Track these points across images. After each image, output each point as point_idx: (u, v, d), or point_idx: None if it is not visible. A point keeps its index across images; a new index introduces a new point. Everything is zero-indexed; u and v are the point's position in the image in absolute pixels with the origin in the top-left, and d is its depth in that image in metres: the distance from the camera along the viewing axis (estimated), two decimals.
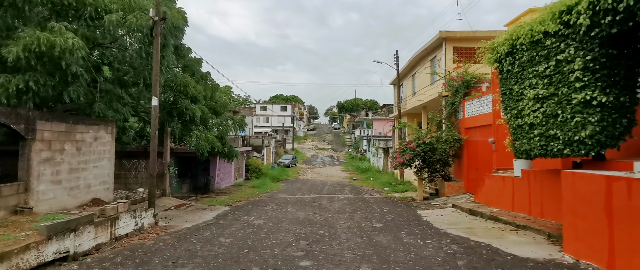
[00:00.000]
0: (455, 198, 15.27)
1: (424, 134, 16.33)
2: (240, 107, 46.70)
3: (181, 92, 16.65)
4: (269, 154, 44.50)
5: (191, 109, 16.75)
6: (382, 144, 43.07)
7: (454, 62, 17.84)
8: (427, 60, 22.18)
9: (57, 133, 9.05)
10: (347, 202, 16.47)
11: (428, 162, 16.26)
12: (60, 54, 9.53)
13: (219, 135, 20.39)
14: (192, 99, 17.40)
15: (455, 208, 12.73)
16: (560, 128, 7.18)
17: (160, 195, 15.01)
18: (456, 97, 16.62)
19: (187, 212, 13.43)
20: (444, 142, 16.18)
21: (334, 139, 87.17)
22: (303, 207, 14.78)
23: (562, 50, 7.03)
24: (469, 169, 15.70)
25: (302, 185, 26.80)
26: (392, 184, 25.45)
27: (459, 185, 16.11)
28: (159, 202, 14.12)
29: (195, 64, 19.31)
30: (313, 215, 12.39)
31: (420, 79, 23.35)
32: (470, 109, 15.53)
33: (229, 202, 17.33)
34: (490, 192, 11.88)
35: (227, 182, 25.51)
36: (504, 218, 9.61)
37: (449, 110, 16.91)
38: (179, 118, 17.00)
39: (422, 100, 21.73)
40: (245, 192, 22.04)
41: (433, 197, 17.13)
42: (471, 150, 15.59)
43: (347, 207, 14.44)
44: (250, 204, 16.38)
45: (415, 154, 15.92)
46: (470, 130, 15.65)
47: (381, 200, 17.41)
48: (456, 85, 16.63)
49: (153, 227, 10.51)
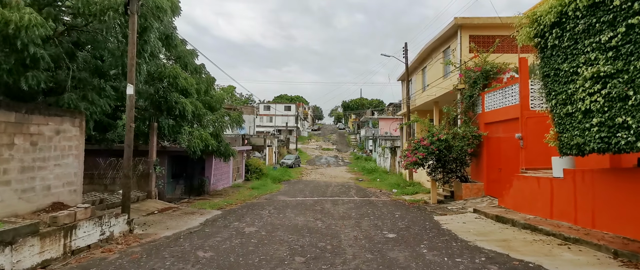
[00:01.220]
0: (474, 202, 13.57)
1: (439, 130, 14.64)
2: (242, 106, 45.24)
3: (170, 85, 15.15)
4: (271, 154, 42.96)
5: (182, 103, 15.26)
6: (389, 144, 41.39)
7: (472, 51, 16.14)
8: (439, 52, 20.50)
9: (3, 124, 7.51)
10: (352, 205, 14.83)
11: (443, 162, 14.57)
12: (15, 32, 8.04)
13: (214, 133, 18.84)
14: (183, 93, 15.90)
15: (478, 214, 11.04)
16: (632, 114, 5.51)
17: (144, 198, 13.48)
18: (474, 89, 14.93)
19: (172, 217, 11.87)
20: (461, 139, 14.49)
21: (339, 139, 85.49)
22: (303, 211, 13.17)
23: (636, 11, 5.35)
24: (490, 168, 14.00)
25: (304, 186, 25.20)
26: (400, 186, 23.77)
27: (478, 187, 14.40)
28: (141, 206, 12.59)
29: (188, 56, 17.82)
30: (314, 222, 10.77)
31: (432, 72, 21.67)
32: (491, 101, 13.83)
33: (223, 205, 15.76)
34: (520, 196, 10.19)
35: (225, 183, 23.97)
36: (545, 228, 7.91)
37: (466, 104, 15.21)
38: (169, 113, 15.49)
39: (434, 95, 20.04)
40: (242, 193, 20.48)
41: (448, 200, 15.43)
42: (492, 147, 13.88)
43: (353, 212, 12.81)
44: (246, 207, 14.81)
45: (429, 152, 14.25)
46: (491, 125, 13.95)
47: (390, 203, 15.75)
48: (474, 76, 14.94)
49: (126, 236, 8.95)
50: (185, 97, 15.99)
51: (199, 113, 17.62)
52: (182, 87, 15.35)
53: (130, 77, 9.61)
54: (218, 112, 19.77)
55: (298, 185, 26.26)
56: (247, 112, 42.98)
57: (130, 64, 9.64)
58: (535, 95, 11.43)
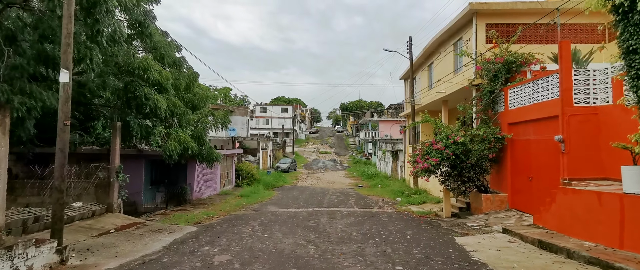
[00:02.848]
0: (498, 217, 11.37)
1: (455, 132, 12.44)
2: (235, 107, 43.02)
3: (140, 77, 12.94)
4: (266, 158, 40.69)
5: (154, 99, 13.03)
6: (390, 147, 39.22)
7: (491, 41, 13.98)
8: (449, 45, 18.35)
9: None
10: (353, 220, 12.59)
11: (459, 169, 12.37)
12: None
13: (196, 134, 16.60)
14: (157, 88, 13.69)
15: (510, 235, 8.82)
16: None
17: (102, 212, 11.21)
18: (495, 83, 12.75)
19: (131, 237, 9.60)
20: (481, 142, 12.30)
21: (337, 142, 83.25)
22: (294, 228, 10.93)
23: None
24: (515, 177, 11.80)
25: (299, 193, 22.95)
26: (404, 193, 21.57)
27: (500, 198, 12.20)
28: (94, 223, 10.32)
29: (166, 47, 15.59)
30: (305, 246, 8.53)
31: (440, 68, 19.51)
32: (518, 97, 11.65)
33: (201, 218, 13.51)
34: (569, 215, 7.98)
35: (211, 191, 21.69)
36: (626, 267, 5.69)
37: (485, 101, 13.02)
38: (138, 110, 13.26)
39: (444, 92, 17.87)
40: (229, 203, 18.23)
41: (464, 213, 13.23)
42: (518, 152, 11.70)
43: (354, 230, 10.57)
44: (228, 221, 12.56)
45: (443, 157, 12.05)
46: (517, 126, 11.77)
47: (396, 216, 13.52)
48: (495, 69, 12.77)
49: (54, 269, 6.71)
50: (160, 93, 13.79)
51: (178, 112, 15.41)
52: (154, 80, 13.15)
53: (65, 60, 7.37)
54: (201, 111, 17.55)
55: (292, 192, 24.01)
56: (240, 113, 40.76)
57: (65, 42, 7.40)
58: (580, 88, 9.25)
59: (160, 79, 13.42)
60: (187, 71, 17.78)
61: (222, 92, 72.78)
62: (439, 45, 19.91)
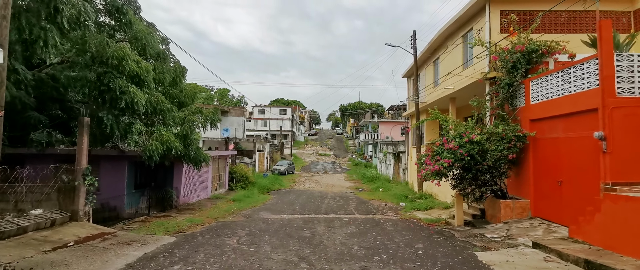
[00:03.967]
0: (521, 226, 9.89)
1: (470, 129, 10.98)
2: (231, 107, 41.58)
3: (115, 68, 11.51)
4: (263, 160, 39.21)
5: (130, 92, 11.61)
6: (391, 149, 37.80)
7: (507, 30, 12.55)
8: (457, 37, 16.94)
9: None
10: (354, 229, 11.12)
11: (475, 171, 10.90)
12: None
13: (182, 134, 15.15)
14: (135, 81, 12.26)
15: (544, 251, 7.35)
16: None
17: (64, 221, 9.72)
18: (514, 75, 11.31)
19: (93, 251, 8.11)
20: (499, 142, 10.84)
21: (337, 144, 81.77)
22: (286, 240, 9.45)
23: None
24: (540, 180, 10.34)
25: (296, 198, 21.46)
26: (408, 198, 20.11)
27: (521, 205, 10.74)
28: (52, 234, 8.83)
29: (148, 37, 14.18)
30: (296, 267, 7.04)
31: (447, 63, 18.09)
32: (543, 90, 10.20)
33: (184, 226, 12.02)
34: (620, 228, 6.52)
35: (201, 194, 20.22)
36: None
37: (503, 95, 11.56)
38: (112, 105, 11.81)
39: (452, 88, 16.42)
40: (219, 208, 16.75)
41: (479, 221, 11.77)
42: (544, 152, 10.24)
43: (355, 243, 9.09)
44: (213, 230, 11.08)
45: (456, 158, 10.58)
46: (542, 122, 10.31)
47: (402, 225, 12.05)
48: (514, 59, 11.33)
49: None
50: (139, 87, 12.36)
51: (162, 108, 13.97)
52: (131, 72, 11.74)
53: (1, 36, 5.91)
54: (188, 108, 16.10)
55: (289, 196, 22.52)
56: (236, 114, 39.31)
57: (0, 15, 5.95)
58: (623, 76, 7.80)
59: (139, 71, 11.99)
60: (174, 65, 16.37)
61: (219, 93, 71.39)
62: (446, 38, 18.50)
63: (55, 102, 14.25)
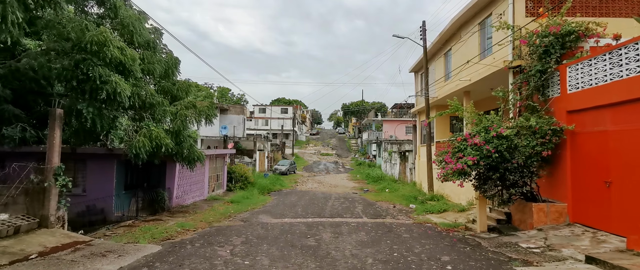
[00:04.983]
0: (560, 235, 8.52)
1: (498, 123, 9.60)
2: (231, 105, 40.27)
3: (95, 55, 10.19)
4: (263, 159, 37.89)
5: (112, 82, 10.27)
6: (395, 148, 36.47)
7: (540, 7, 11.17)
8: (473, 25, 15.56)
9: None
10: (364, 236, 9.76)
11: (503, 170, 9.52)
12: None
13: (174, 130, 13.82)
14: (118, 69, 10.94)
15: (604, 268, 5.99)
16: None
17: (32, 228, 8.40)
18: (547, 61, 9.93)
19: (59, 265, 6.79)
20: (531, 136, 9.48)
21: (339, 143, 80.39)
22: (287, 250, 8.11)
23: None
24: (581, 181, 8.97)
25: (298, 199, 20.12)
26: (418, 199, 18.74)
27: (557, 210, 9.36)
28: (14, 244, 7.50)
29: (136, 22, 12.86)
30: None
31: (461, 54, 16.72)
32: (585, 76, 8.83)
33: (173, 232, 10.68)
34: None
35: (197, 196, 18.88)
36: None
37: (534, 84, 10.18)
38: (92, 96, 10.48)
39: (468, 80, 15.05)
40: (215, 211, 15.43)
41: (505, 227, 10.41)
42: (586, 148, 8.87)
43: (369, 255, 7.73)
44: (204, 237, 9.76)
45: (482, 155, 9.21)
46: (583, 114, 8.94)
47: (418, 231, 10.69)
48: (546, 43, 9.95)
49: None
50: (124, 76, 11.04)
51: (151, 102, 12.68)
52: (114, 60, 10.39)
53: None
54: (180, 102, 14.75)
55: (290, 197, 21.18)
56: (236, 112, 38.00)
57: None
58: None
59: (123, 58, 10.65)
60: (166, 56, 15.04)
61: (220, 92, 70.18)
62: (460, 28, 17.12)
63: (37, 96, 12.98)
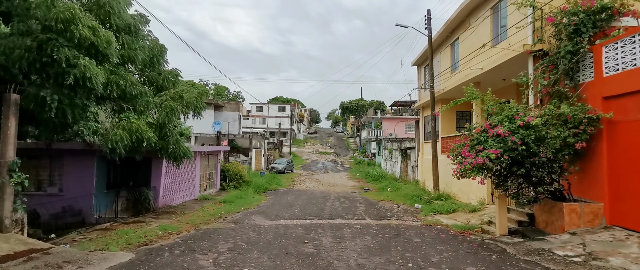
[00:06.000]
0: (599, 240, 7.30)
1: (524, 111, 8.38)
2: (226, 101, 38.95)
3: (60, 34, 8.88)
4: (259, 158, 36.60)
5: (80, 66, 8.95)
6: (396, 146, 35.23)
7: None
8: (485, 9, 14.35)
9: None
10: (370, 241, 8.52)
11: (529, 165, 8.29)
12: None
13: (158, 122, 12.52)
14: (90, 52, 9.61)
15: None
16: None
17: None
18: (579, 41, 8.71)
19: None
20: (562, 126, 8.27)
21: (337, 142, 79.14)
22: (280, 260, 6.84)
23: None
24: (621, 178, 7.76)
25: (295, 198, 18.86)
26: (423, 199, 17.51)
27: (592, 210, 8.15)
28: None
29: (113, 2, 11.49)
30: None
31: (470, 43, 15.50)
32: (626, 56, 7.61)
33: (153, 237, 9.40)
34: None
35: (187, 195, 17.60)
36: None
37: (564, 66, 8.95)
38: (57, 81, 9.17)
39: (480, 69, 13.81)
40: (204, 212, 14.17)
41: (528, 229, 9.20)
42: (627, 139, 7.66)
43: (379, 267, 6.49)
44: (188, 243, 8.49)
45: (506, 148, 7.98)
46: (624, 99, 7.72)
47: (430, 234, 9.45)
48: (577, 21, 8.73)
49: None
50: (98, 61, 9.72)
51: (131, 92, 11.37)
52: (84, 40, 9.04)
53: None
54: (165, 93, 13.43)
55: (287, 196, 19.91)
56: (232, 109, 36.70)
57: None
58: None
59: (96, 40, 9.30)
60: (150, 43, 13.71)
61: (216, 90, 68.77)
62: (469, 14, 15.91)
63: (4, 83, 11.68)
